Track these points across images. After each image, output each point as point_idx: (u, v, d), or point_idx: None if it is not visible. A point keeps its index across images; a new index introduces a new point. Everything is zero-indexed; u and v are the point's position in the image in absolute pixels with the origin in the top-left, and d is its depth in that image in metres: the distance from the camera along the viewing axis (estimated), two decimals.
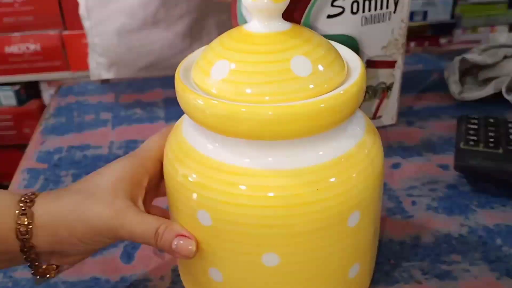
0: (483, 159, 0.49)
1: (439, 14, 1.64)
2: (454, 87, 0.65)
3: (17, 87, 1.74)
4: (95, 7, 0.76)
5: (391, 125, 0.60)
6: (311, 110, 0.28)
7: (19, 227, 0.31)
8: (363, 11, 0.51)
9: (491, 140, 0.51)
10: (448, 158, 0.53)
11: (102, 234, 0.32)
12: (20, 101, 1.76)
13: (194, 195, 0.30)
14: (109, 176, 0.34)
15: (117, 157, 0.56)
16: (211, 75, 0.30)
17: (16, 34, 1.68)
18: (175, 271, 0.41)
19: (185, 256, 0.32)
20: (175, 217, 0.33)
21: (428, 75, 0.72)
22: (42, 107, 1.79)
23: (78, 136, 0.62)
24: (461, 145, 0.50)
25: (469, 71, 0.67)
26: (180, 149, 0.32)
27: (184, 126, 0.33)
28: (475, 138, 0.51)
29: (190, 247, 0.31)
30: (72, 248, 0.33)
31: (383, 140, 0.35)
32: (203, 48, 0.34)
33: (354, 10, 0.50)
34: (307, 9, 0.49)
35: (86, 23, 0.79)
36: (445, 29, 1.67)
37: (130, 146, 0.59)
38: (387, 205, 0.47)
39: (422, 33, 1.65)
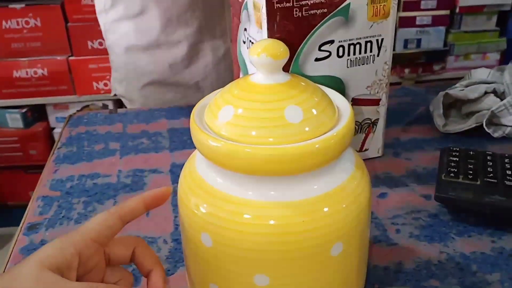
0: (462, 190, 0.53)
1: (432, 42, 1.70)
2: (439, 120, 0.69)
3: (24, 110, 1.79)
4: (110, 29, 0.88)
5: (377, 157, 0.64)
6: (306, 151, 0.33)
7: None
8: (348, 55, 0.56)
9: (470, 172, 0.55)
10: (431, 189, 0.57)
11: None
12: (27, 123, 1.81)
13: (200, 220, 0.35)
14: (34, 258, 0.32)
15: (124, 185, 0.62)
16: (219, 118, 0.35)
17: (24, 59, 1.74)
18: None
19: None
20: (183, 236, 0.38)
21: (415, 108, 0.77)
22: (48, 129, 1.84)
23: (88, 165, 0.66)
24: (443, 177, 0.55)
25: (453, 104, 0.72)
26: (193, 180, 0.37)
27: (197, 160, 0.38)
28: (455, 170, 0.56)
29: None
30: None
31: (371, 171, 0.39)
32: (216, 92, 0.39)
33: (340, 54, 0.55)
34: (296, 53, 0.54)
35: (106, 42, 0.91)
36: (438, 56, 1.73)
37: (137, 175, 0.64)
38: (374, 233, 0.52)
39: (416, 60, 1.71)
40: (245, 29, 0.61)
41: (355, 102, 0.59)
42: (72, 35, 1.73)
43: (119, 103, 1.02)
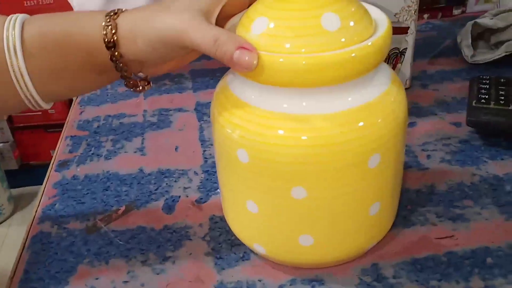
0: (494, 115, 0.52)
1: None
2: (467, 51, 0.68)
3: None
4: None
5: (405, 89, 0.63)
6: (341, 60, 0.32)
7: (105, 37, 0.35)
8: None
9: (502, 98, 0.54)
10: (461, 117, 0.56)
11: (170, 42, 0.35)
12: None
13: (236, 136, 0.35)
14: None
15: (151, 123, 0.62)
16: (252, 30, 0.34)
17: None
18: (212, 219, 0.46)
19: (246, 67, 0.33)
20: (218, 156, 0.38)
21: (441, 41, 0.75)
22: None
23: (113, 106, 0.66)
24: (473, 103, 0.54)
25: (481, 35, 0.70)
26: (226, 98, 0.36)
27: (228, 77, 0.38)
28: (486, 96, 0.55)
29: (250, 59, 0.32)
30: (150, 57, 0.36)
31: None
32: (244, 11, 0.38)
33: None
34: None
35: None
36: None
37: (162, 113, 0.64)
38: (404, 159, 0.51)
39: (435, 4, 1.66)
40: None
41: None
42: None
43: None
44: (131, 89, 0.40)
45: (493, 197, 0.46)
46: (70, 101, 1.94)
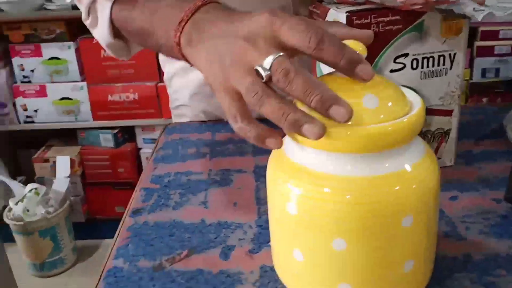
0: None
1: (511, 71, 1.69)
2: (511, 134, 0.72)
3: (115, 131, 1.97)
4: (175, 76, 0.93)
5: (450, 166, 0.68)
6: (380, 132, 0.39)
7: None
8: (422, 67, 0.61)
9: None
10: (501, 194, 0.60)
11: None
12: (117, 143, 1.98)
13: (286, 191, 0.41)
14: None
15: (214, 181, 0.69)
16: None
17: (118, 84, 1.92)
18: (262, 268, 0.51)
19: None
20: (270, 208, 0.45)
21: (487, 124, 0.80)
22: (136, 149, 1.99)
23: (182, 164, 0.75)
24: None
25: None
26: (279, 157, 0.44)
27: (284, 142, 0.45)
28: None
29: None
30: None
31: (443, 177, 0.44)
32: None
33: (414, 66, 0.61)
34: (373, 65, 0.60)
35: (169, 90, 0.96)
36: None
37: (225, 173, 0.71)
38: (443, 229, 0.55)
39: (494, 89, 1.70)
40: None
41: (428, 112, 0.63)
42: None
43: None
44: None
45: None
46: (139, 161, 2.07)
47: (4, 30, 1.91)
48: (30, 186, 1.87)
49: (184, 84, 0.91)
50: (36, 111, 1.95)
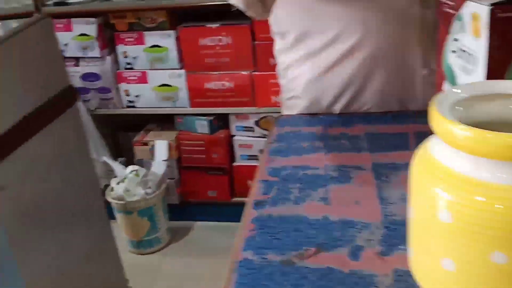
0: None
1: None
2: None
3: (210, 118, 2.02)
4: (289, 68, 0.93)
5: None
6: None
7: None
8: None
9: None
10: None
11: None
12: (212, 130, 2.03)
13: (441, 199, 0.39)
14: None
15: (332, 177, 0.69)
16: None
17: (214, 73, 1.96)
18: (396, 272, 0.50)
19: None
20: (415, 213, 0.43)
21: None
22: (229, 136, 2.03)
23: (298, 158, 0.75)
24: None
25: None
26: (428, 161, 0.42)
27: (431, 145, 0.43)
28: None
29: None
30: None
31: None
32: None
33: None
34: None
35: (282, 81, 0.96)
36: None
37: (342, 169, 0.70)
38: None
39: None
40: (455, 39, 0.64)
41: None
42: (258, 52, 1.90)
43: None
44: None
45: None
46: (231, 147, 2.10)
47: (111, 19, 2.01)
48: (131, 167, 1.97)
49: (298, 75, 0.91)
50: (137, 96, 2.05)
